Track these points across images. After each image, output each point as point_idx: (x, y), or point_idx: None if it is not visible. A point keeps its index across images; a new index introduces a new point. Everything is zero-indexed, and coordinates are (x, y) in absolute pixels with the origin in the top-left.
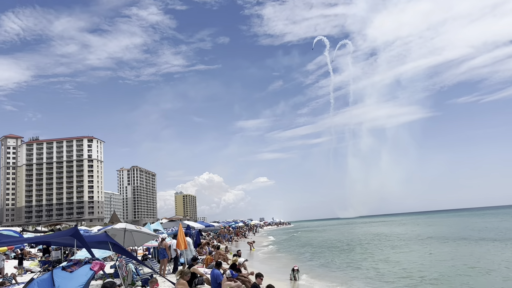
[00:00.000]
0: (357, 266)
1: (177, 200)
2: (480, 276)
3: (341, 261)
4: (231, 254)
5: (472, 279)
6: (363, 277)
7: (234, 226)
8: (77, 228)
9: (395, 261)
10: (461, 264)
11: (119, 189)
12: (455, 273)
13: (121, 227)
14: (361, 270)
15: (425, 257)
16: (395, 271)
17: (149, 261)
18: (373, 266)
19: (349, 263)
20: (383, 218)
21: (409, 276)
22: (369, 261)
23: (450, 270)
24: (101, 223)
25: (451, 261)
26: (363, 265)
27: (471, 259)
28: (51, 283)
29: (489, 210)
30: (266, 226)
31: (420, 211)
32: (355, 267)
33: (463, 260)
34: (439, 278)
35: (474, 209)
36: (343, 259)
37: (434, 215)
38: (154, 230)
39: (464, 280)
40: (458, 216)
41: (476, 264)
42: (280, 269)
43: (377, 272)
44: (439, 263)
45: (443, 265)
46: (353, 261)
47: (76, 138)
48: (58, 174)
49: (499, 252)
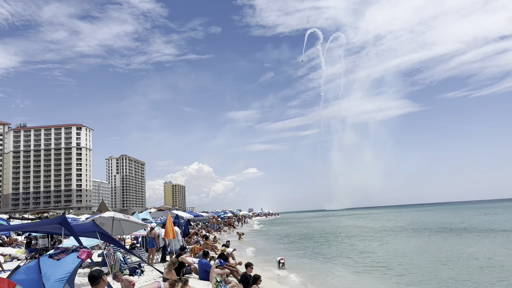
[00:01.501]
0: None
1: (166, 189)
2: (455, 265)
3: (312, 251)
4: (219, 244)
5: (447, 268)
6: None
7: (223, 216)
8: (65, 216)
9: (368, 251)
10: (432, 255)
11: (107, 178)
12: (428, 262)
13: (109, 215)
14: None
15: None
16: (367, 261)
17: (138, 250)
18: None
19: (323, 255)
20: (367, 210)
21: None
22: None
23: (422, 260)
24: (89, 212)
25: (425, 252)
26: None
27: (444, 250)
28: (37, 271)
29: (474, 204)
30: (255, 216)
31: (411, 204)
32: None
33: (434, 251)
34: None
35: (460, 203)
36: (314, 250)
37: (429, 208)
38: (143, 219)
39: (433, 268)
40: (445, 209)
41: (450, 255)
42: (265, 259)
43: (354, 262)
44: (415, 253)
45: (418, 255)
46: (321, 253)
47: (64, 125)
48: (46, 162)
49: (477, 243)
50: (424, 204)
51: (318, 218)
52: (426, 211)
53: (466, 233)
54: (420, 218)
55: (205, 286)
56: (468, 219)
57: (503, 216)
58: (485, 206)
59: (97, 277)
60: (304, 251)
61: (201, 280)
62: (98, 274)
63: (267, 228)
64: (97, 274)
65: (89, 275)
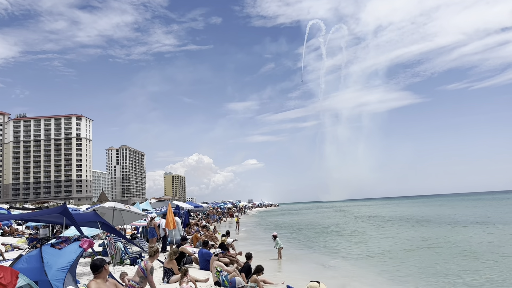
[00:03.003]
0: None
1: (166, 180)
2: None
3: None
4: (219, 234)
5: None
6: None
7: (223, 207)
8: (66, 205)
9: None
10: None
11: (107, 169)
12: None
13: (110, 205)
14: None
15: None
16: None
17: (138, 240)
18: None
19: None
20: (363, 202)
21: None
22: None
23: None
24: (89, 202)
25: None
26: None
27: (433, 238)
28: (39, 260)
29: (474, 196)
30: (254, 207)
31: (411, 195)
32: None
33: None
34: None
35: (460, 195)
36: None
37: (428, 199)
38: (143, 210)
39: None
40: (445, 201)
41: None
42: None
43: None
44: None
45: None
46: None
47: (64, 116)
48: (46, 152)
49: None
50: (423, 196)
51: (312, 209)
52: (426, 202)
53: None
54: (420, 209)
55: (205, 275)
56: (472, 211)
57: (497, 208)
58: (485, 198)
59: (100, 266)
60: (297, 241)
61: (202, 270)
62: (101, 263)
63: (265, 219)
64: (100, 263)
65: (91, 264)
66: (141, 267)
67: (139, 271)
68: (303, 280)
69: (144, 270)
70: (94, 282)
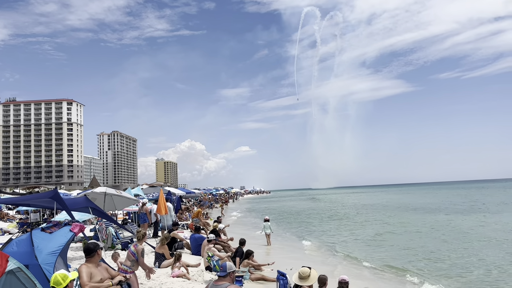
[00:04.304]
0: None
1: (158, 166)
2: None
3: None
4: (211, 221)
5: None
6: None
7: (215, 193)
8: (57, 190)
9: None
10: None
11: (99, 154)
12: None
13: (101, 191)
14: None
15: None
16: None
17: (129, 225)
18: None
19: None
20: (352, 189)
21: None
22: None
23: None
24: (80, 187)
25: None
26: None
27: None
28: (30, 244)
29: (463, 184)
30: (246, 194)
31: (399, 184)
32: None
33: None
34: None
35: (449, 183)
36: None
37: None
38: (135, 195)
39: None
40: (435, 189)
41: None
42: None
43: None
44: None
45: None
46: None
47: (55, 100)
48: (36, 137)
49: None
50: (412, 184)
51: (301, 196)
52: (416, 191)
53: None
54: (409, 197)
55: (197, 260)
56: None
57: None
58: (471, 186)
59: (93, 250)
60: (287, 227)
61: (193, 255)
62: (94, 247)
63: (256, 206)
64: (93, 247)
65: (85, 247)
66: (132, 251)
67: (129, 255)
68: (293, 265)
69: (134, 254)
70: (85, 266)
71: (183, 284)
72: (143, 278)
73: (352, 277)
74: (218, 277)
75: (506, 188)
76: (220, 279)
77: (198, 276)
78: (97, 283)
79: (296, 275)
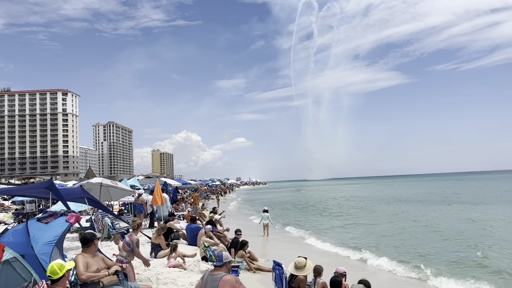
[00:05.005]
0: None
1: (154, 157)
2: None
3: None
4: (207, 211)
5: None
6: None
7: (211, 184)
8: (52, 180)
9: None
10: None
11: (94, 145)
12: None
13: (97, 181)
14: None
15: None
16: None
17: (125, 216)
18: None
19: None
20: (348, 181)
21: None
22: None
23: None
24: (76, 178)
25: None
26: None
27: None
28: (25, 234)
29: (460, 176)
30: (242, 185)
31: (396, 175)
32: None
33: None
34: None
35: (445, 175)
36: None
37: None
38: (131, 186)
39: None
40: (432, 181)
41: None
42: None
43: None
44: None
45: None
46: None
47: (50, 90)
48: (31, 128)
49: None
50: (409, 176)
51: (295, 187)
52: (410, 182)
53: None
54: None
55: (193, 251)
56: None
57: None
58: (466, 178)
59: (90, 240)
60: (284, 217)
61: (190, 246)
62: (91, 237)
63: (251, 196)
64: (90, 237)
65: (82, 237)
66: (127, 242)
67: (125, 246)
68: (290, 256)
69: (129, 244)
70: (81, 255)
71: (179, 274)
72: (139, 268)
73: (350, 269)
74: (214, 267)
75: (498, 180)
76: (216, 269)
77: (194, 266)
78: (93, 273)
79: (292, 265)
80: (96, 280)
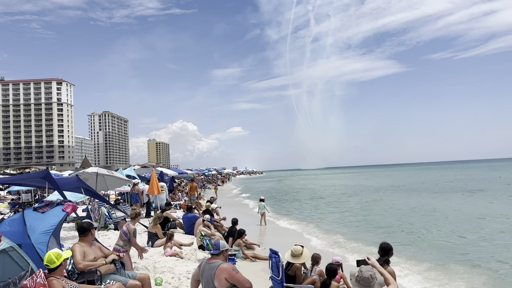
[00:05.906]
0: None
1: (150, 147)
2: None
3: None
4: (204, 201)
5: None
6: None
7: (208, 174)
8: (48, 170)
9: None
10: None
11: (90, 134)
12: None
13: (93, 171)
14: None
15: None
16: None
17: (122, 205)
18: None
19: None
20: (340, 170)
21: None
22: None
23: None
24: (72, 168)
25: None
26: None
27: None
28: (22, 223)
29: (456, 164)
30: (238, 175)
31: (390, 164)
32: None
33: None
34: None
35: (439, 163)
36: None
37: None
38: (127, 176)
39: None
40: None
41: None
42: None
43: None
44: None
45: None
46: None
47: (44, 80)
48: (26, 117)
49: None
50: (405, 164)
51: (289, 177)
52: (406, 170)
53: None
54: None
55: (190, 239)
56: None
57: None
58: (467, 166)
59: (87, 229)
60: (281, 206)
61: (186, 235)
62: (88, 226)
63: (247, 185)
64: (87, 226)
65: (79, 226)
66: (124, 231)
67: (122, 235)
68: (286, 245)
69: (126, 234)
70: (78, 244)
71: (176, 262)
72: (136, 258)
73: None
74: (211, 255)
75: (485, 168)
76: (213, 257)
77: (191, 255)
78: (90, 262)
79: (288, 253)
80: (94, 269)
